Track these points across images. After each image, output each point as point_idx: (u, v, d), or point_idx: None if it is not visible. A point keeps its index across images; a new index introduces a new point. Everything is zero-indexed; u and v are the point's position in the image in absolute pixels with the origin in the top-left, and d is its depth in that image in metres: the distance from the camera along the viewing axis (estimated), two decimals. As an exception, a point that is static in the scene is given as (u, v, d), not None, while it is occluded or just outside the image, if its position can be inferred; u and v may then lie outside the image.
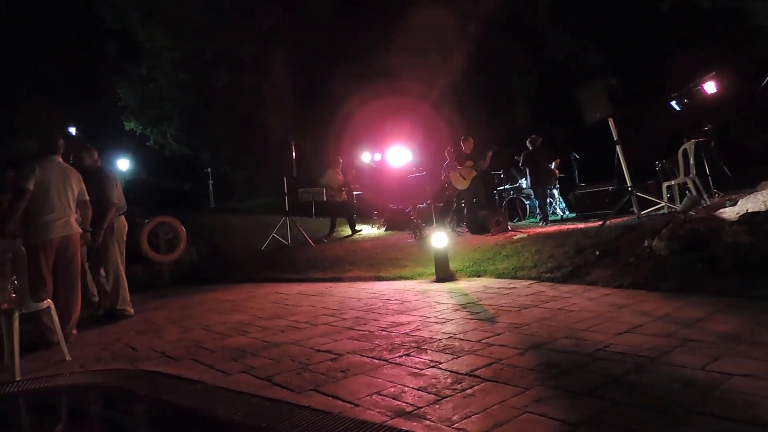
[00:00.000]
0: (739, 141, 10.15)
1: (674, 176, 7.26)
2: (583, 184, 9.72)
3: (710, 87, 7.33)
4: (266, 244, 9.09)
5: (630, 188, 6.01)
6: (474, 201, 9.27)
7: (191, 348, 3.53)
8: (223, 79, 17.50)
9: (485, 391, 2.15)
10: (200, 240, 9.45)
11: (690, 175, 6.74)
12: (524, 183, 10.24)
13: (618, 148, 6.12)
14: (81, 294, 4.51)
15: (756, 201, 4.82)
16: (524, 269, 5.19)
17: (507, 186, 10.93)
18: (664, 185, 7.12)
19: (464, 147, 9.21)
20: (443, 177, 9.65)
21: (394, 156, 11.99)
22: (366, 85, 13.69)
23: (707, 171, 7.77)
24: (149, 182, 19.50)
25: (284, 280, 7.11)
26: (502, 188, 11.00)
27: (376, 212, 11.75)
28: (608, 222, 5.84)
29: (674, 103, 7.68)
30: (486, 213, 8.41)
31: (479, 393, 2.14)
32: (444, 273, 5.47)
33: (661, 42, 12.40)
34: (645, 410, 1.82)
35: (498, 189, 11.13)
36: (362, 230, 10.45)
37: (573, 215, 9.70)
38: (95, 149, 5.32)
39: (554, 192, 10.31)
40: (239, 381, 2.63)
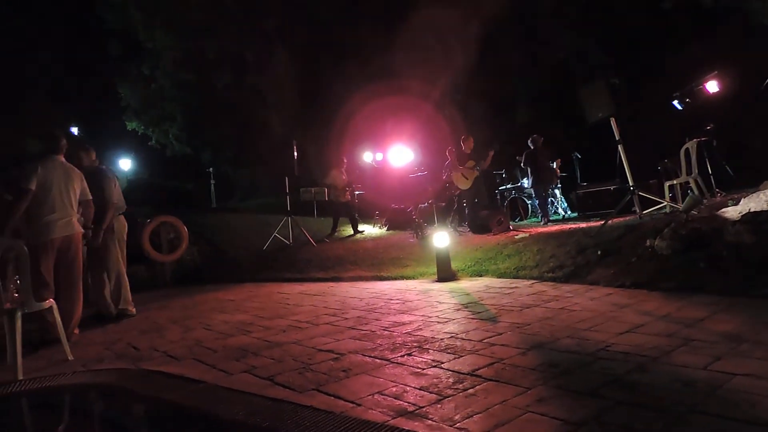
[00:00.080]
0: (741, 140, 10.13)
1: (676, 175, 7.25)
2: (585, 184, 9.72)
3: (712, 86, 7.33)
4: (268, 244, 9.10)
5: (632, 188, 6.00)
6: (475, 201, 9.27)
7: (193, 347, 3.54)
8: (225, 79, 17.51)
9: (487, 391, 2.14)
10: (202, 240, 9.46)
11: (692, 175, 6.73)
12: (526, 182, 10.24)
13: (620, 148, 6.12)
14: (83, 294, 4.52)
15: (758, 200, 4.81)
16: (526, 269, 5.18)
17: (509, 185, 10.93)
18: (666, 185, 7.11)
19: (464, 147, 9.21)
20: (444, 177, 9.66)
21: (396, 155, 12.00)
22: (368, 85, 13.68)
23: (709, 170, 7.77)
24: (151, 182, 19.54)
25: (286, 280, 7.11)
26: (504, 188, 11.00)
27: (378, 212, 11.75)
28: (610, 221, 5.83)
29: (676, 103, 7.67)
30: (487, 213, 8.41)
31: (481, 392, 2.13)
32: (446, 272, 5.47)
33: (663, 41, 12.38)
34: (647, 410, 1.82)
35: (500, 189, 11.13)
36: (364, 231, 10.45)
37: (575, 215, 9.70)
38: (93, 149, 5.24)
39: (556, 192, 10.31)
40: (241, 380, 2.64)
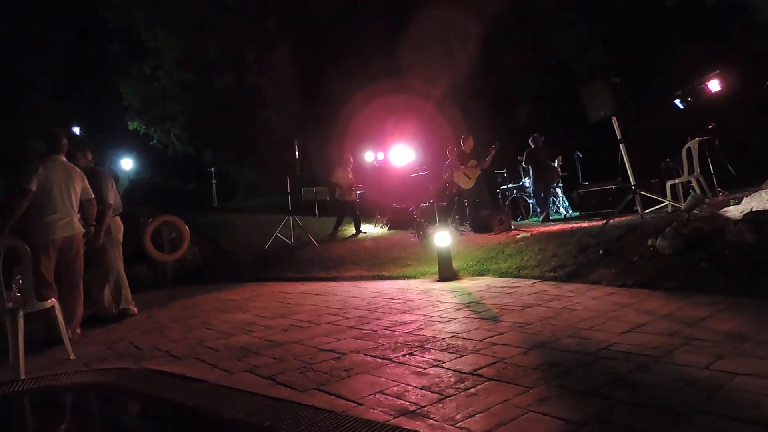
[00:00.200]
0: (744, 139, 10.11)
1: (678, 175, 7.23)
2: (587, 183, 9.71)
3: (714, 85, 7.32)
4: (269, 244, 9.11)
5: (633, 187, 5.99)
6: (477, 200, 9.27)
7: (195, 347, 3.54)
8: (227, 79, 17.52)
9: (488, 390, 2.14)
10: (203, 239, 9.47)
11: (694, 174, 6.72)
12: (527, 182, 10.23)
13: (621, 147, 6.11)
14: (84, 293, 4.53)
15: (760, 199, 4.80)
16: (527, 268, 5.18)
17: (510, 185, 10.92)
18: (668, 184, 7.09)
19: (464, 146, 9.20)
20: (445, 176, 9.66)
21: (397, 155, 12.01)
22: (368, 84, 13.68)
23: (711, 169, 7.76)
24: (153, 182, 19.57)
25: (287, 279, 7.12)
26: (505, 187, 11.00)
27: (379, 211, 11.75)
28: (612, 221, 5.82)
29: (678, 102, 7.67)
30: (489, 212, 8.40)
31: (482, 392, 2.13)
32: (447, 272, 5.47)
33: (665, 40, 12.36)
34: (649, 409, 1.82)
35: (501, 188, 11.12)
36: (366, 232, 10.43)
37: (576, 214, 9.68)
38: (89, 150, 5.19)
39: (557, 191, 10.30)
40: (243, 380, 2.64)
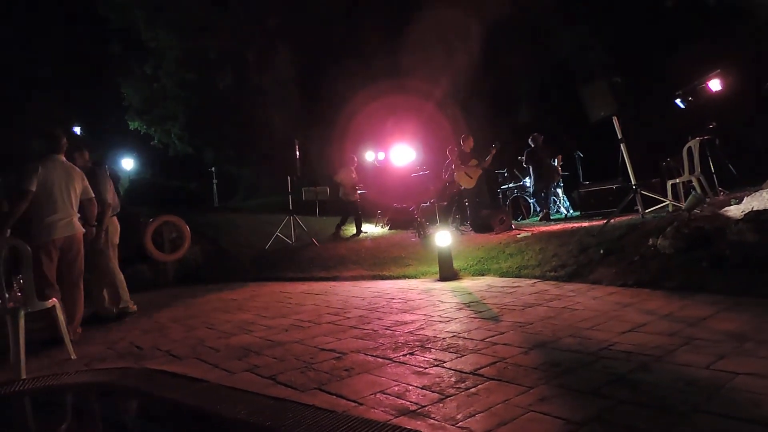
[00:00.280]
0: (744, 139, 10.11)
1: (679, 174, 7.23)
2: (588, 183, 9.71)
3: (715, 85, 7.32)
4: (270, 243, 9.11)
5: (634, 186, 5.99)
6: (477, 200, 9.27)
7: (196, 347, 3.54)
8: (228, 78, 17.52)
9: (489, 390, 2.14)
10: (204, 239, 9.47)
11: (695, 173, 6.72)
12: (528, 181, 10.23)
13: (622, 146, 6.11)
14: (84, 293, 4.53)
15: (761, 199, 4.80)
16: (528, 268, 5.18)
17: (511, 184, 10.92)
18: (669, 183, 7.09)
19: (464, 146, 9.20)
20: (445, 176, 9.65)
21: (398, 155, 12.01)
22: (369, 84, 13.67)
23: (712, 169, 7.76)
24: (153, 181, 19.52)
25: (288, 279, 7.12)
26: (506, 187, 10.99)
27: (380, 211, 11.75)
28: (612, 220, 5.82)
29: (679, 101, 7.67)
30: (489, 212, 8.40)
31: (483, 392, 2.13)
32: (448, 272, 5.47)
33: (666, 39, 12.35)
34: (649, 409, 1.82)
35: (502, 187, 11.12)
36: (367, 231, 10.43)
37: (577, 214, 9.68)
38: (86, 150, 5.16)
39: (558, 191, 10.29)
40: (243, 380, 2.64)
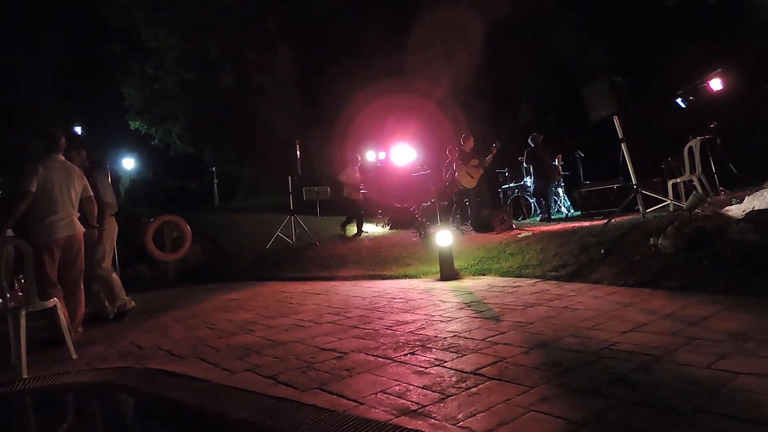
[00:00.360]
0: (745, 138, 10.09)
1: (680, 174, 7.22)
2: (588, 182, 9.70)
3: (716, 84, 7.30)
4: (271, 243, 9.11)
5: (635, 186, 5.99)
6: (478, 200, 9.26)
7: (197, 346, 3.54)
8: (228, 78, 17.52)
9: (490, 390, 2.14)
10: (205, 239, 9.48)
11: (696, 173, 6.71)
12: (529, 181, 10.22)
13: (623, 146, 6.10)
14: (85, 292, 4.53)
15: (762, 198, 4.79)
16: (529, 267, 5.18)
17: (512, 184, 10.91)
18: (670, 183, 7.08)
19: (464, 146, 9.20)
20: (446, 176, 9.65)
21: (399, 154, 12.00)
22: (370, 84, 13.68)
23: (713, 168, 7.75)
24: (154, 181, 19.52)
25: (289, 279, 7.13)
26: (507, 186, 10.99)
27: (381, 211, 11.74)
28: (613, 220, 5.82)
29: (680, 101, 7.66)
30: (490, 211, 8.40)
31: (484, 391, 2.13)
32: (448, 271, 5.47)
33: (667, 39, 12.33)
34: (650, 409, 1.81)
35: (503, 187, 11.11)
36: (368, 231, 10.42)
37: (578, 213, 9.68)
38: (84, 150, 5.13)
39: (559, 190, 10.28)
40: (244, 379, 2.64)
